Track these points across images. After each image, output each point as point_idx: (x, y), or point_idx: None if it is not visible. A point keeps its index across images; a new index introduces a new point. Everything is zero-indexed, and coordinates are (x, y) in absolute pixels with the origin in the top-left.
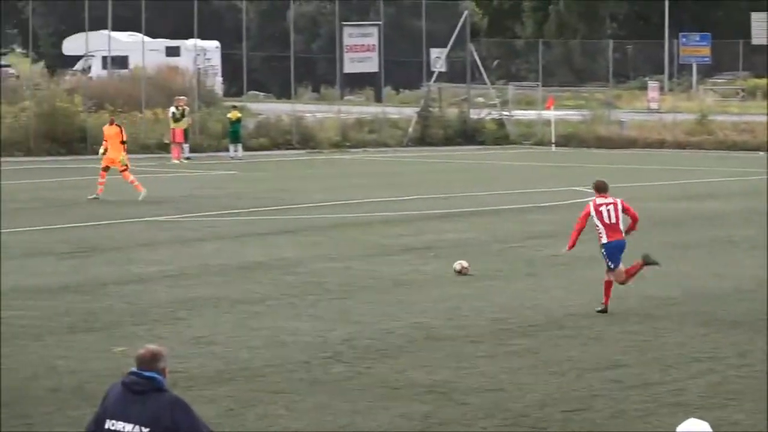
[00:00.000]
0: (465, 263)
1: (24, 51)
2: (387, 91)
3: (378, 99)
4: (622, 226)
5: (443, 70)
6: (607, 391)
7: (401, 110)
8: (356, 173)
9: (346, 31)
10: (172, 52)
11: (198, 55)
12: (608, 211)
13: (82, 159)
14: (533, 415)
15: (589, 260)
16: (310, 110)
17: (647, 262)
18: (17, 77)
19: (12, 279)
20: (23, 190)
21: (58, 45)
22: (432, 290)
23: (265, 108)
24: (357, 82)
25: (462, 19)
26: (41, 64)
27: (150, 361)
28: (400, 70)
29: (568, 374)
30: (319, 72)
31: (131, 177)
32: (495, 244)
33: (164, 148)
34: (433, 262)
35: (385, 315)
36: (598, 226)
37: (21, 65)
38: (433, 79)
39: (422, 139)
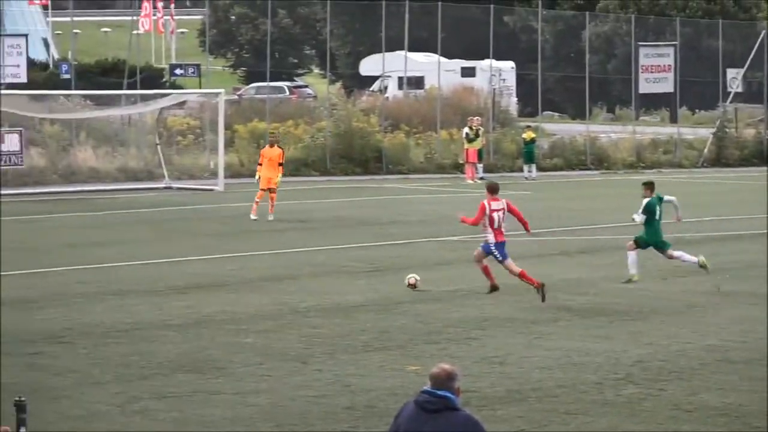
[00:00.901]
0: (416, 276)
1: (322, 72)
2: (682, 111)
3: (673, 119)
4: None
5: (740, 90)
6: None
7: (696, 131)
8: None
9: (642, 51)
10: (468, 72)
11: (493, 75)
12: (499, 216)
13: (377, 179)
14: None
15: None
16: (604, 131)
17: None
18: (315, 97)
19: (308, 297)
20: (320, 209)
21: (355, 66)
22: (725, 312)
23: (560, 128)
24: (652, 102)
25: (759, 39)
26: (338, 84)
27: (445, 380)
28: (696, 90)
29: None
30: (614, 92)
31: (274, 202)
32: None
33: (459, 168)
34: (727, 284)
35: (677, 337)
36: (486, 227)
37: (318, 86)
38: (729, 99)
39: (717, 160)
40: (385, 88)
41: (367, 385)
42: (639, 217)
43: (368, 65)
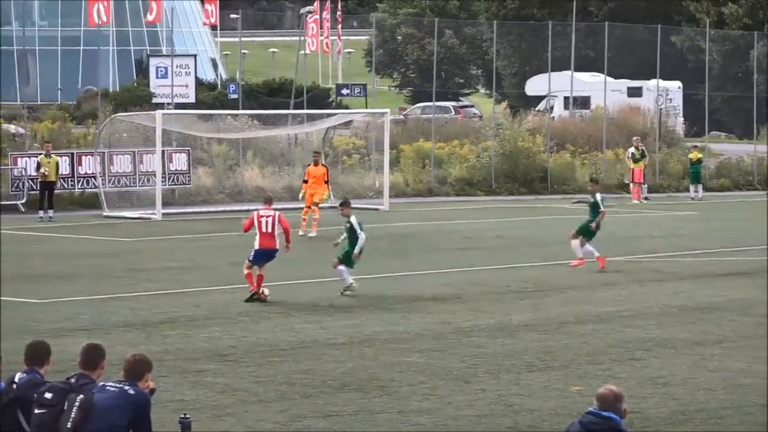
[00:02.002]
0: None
1: (487, 91)
2: None
3: None
4: (276, 237)
5: None
6: None
7: None
8: None
9: None
10: (634, 92)
11: (660, 95)
12: (266, 222)
13: (543, 198)
14: None
15: None
16: None
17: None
18: (480, 117)
19: (472, 317)
20: (484, 229)
21: (521, 85)
22: None
23: (726, 148)
24: None
25: None
26: (504, 104)
27: (612, 401)
28: None
29: None
30: None
31: (317, 215)
32: None
33: (624, 188)
34: None
35: None
36: (256, 233)
37: (484, 105)
38: None
39: None
40: (551, 107)
41: (530, 405)
42: (363, 235)
43: (534, 85)
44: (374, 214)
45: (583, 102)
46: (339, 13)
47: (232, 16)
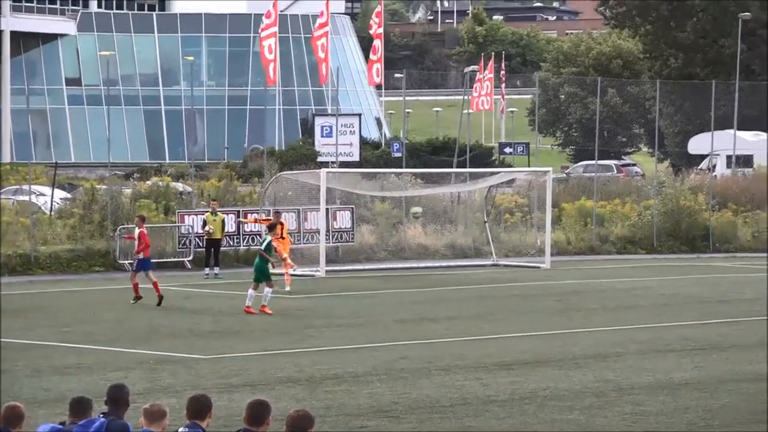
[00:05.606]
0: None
1: (650, 150)
2: None
3: None
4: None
5: None
6: None
7: None
8: None
9: None
10: None
11: None
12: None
13: (704, 257)
14: None
15: None
16: None
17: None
18: (643, 176)
19: (632, 375)
20: (646, 287)
21: (684, 144)
22: None
23: None
24: None
25: None
26: (666, 162)
27: None
28: None
29: None
30: None
31: None
32: None
33: None
34: None
35: None
36: (136, 243)
37: (646, 164)
38: None
39: None
40: (714, 166)
41: None
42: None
43: (697, 143)
44: (536, 272)
45: (745, 161)
46: (503, 72)
47: (397, 75)
